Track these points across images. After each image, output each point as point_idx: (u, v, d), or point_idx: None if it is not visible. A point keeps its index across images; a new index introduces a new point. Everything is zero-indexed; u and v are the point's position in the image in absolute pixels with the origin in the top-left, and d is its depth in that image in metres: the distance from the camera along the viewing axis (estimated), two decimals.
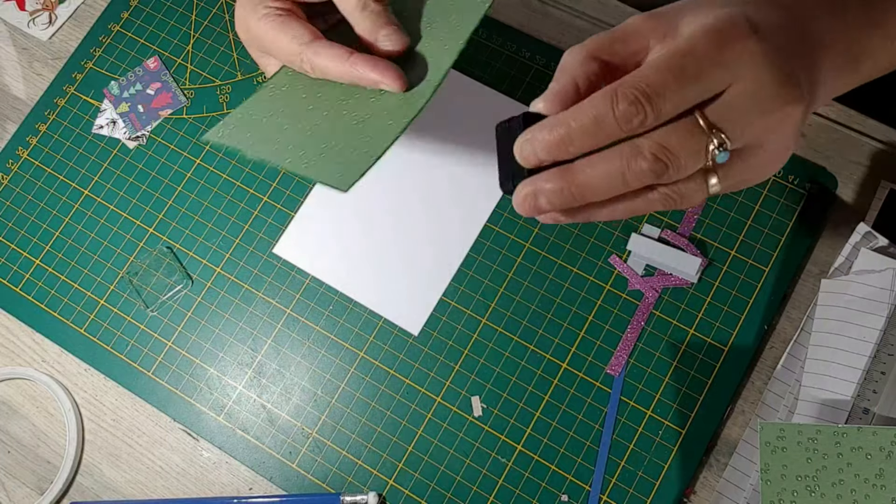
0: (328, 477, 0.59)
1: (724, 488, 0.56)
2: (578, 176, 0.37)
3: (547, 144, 0.37)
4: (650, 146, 0.36)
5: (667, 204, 0.39)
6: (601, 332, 0.60)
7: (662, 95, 0.36)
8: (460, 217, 0.63)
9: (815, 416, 0.55)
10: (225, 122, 0.54)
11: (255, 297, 0.64)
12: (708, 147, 0.36)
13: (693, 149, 0.36)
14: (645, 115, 0.36)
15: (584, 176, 0.37)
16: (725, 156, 0.37)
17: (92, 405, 0.63)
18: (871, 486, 0.47)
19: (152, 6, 0.71)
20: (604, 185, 0.37)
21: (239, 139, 0.53)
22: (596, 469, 0.57)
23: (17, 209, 0.68)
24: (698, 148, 0.36)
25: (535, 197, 0.38)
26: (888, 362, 0.54)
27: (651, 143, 0.36)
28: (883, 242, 0.57)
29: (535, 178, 0.38)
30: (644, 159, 0.36)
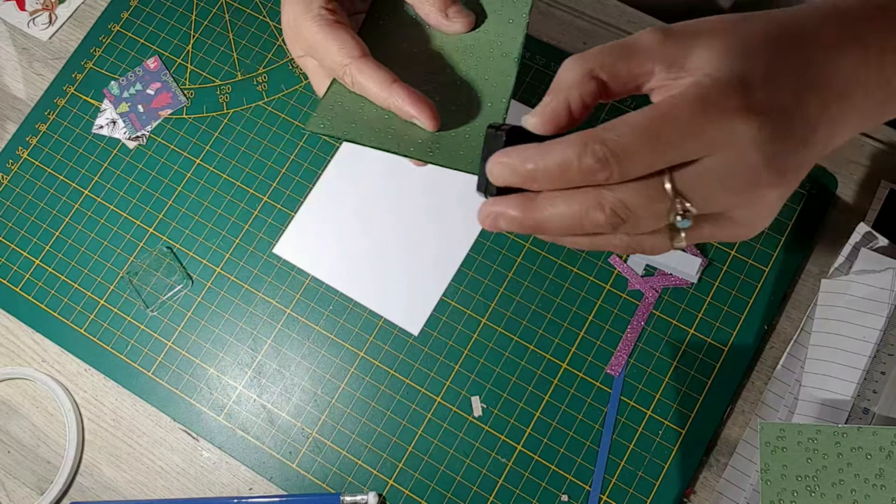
0: (328, 477, 0.59)
1: (724, 488, 0.56)
2: (538, 211, 0.38)
3: (514, 173, 0.38)
4: (611, 201, 0.36)
5: (628, 250, 0.39)
6: (601, 332, 0.60)
7: (632, 157, 0.35)
8: (460, 217, 0.63)
9: (815, 416, 0.55)
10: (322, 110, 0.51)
11: (255, 297, 0.64)
12: (669, 212, 0.36)
13: (654, 211, 0.36)
14: (610, 173, 0.35)
15: (543, 213, 0.38)
16: (687, 223, 0.36)
17: (92, 405, 0.63)
18: (871, 486, 0.47)
19: (152, 6, 0.71)
20: (560, 226, 0.38)
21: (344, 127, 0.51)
22: (596, 469, 0.57)
23: (17, 209, 0.68)
24: (659, 211, 0.36)
25: (497, 218, 0.39)
26: (888, 362, 0.54)
27: (613, 198, 0.36)
28: (883, 242, 0.57)
29: (501, 201, 0.39)
30: (601, 211, 0.36)
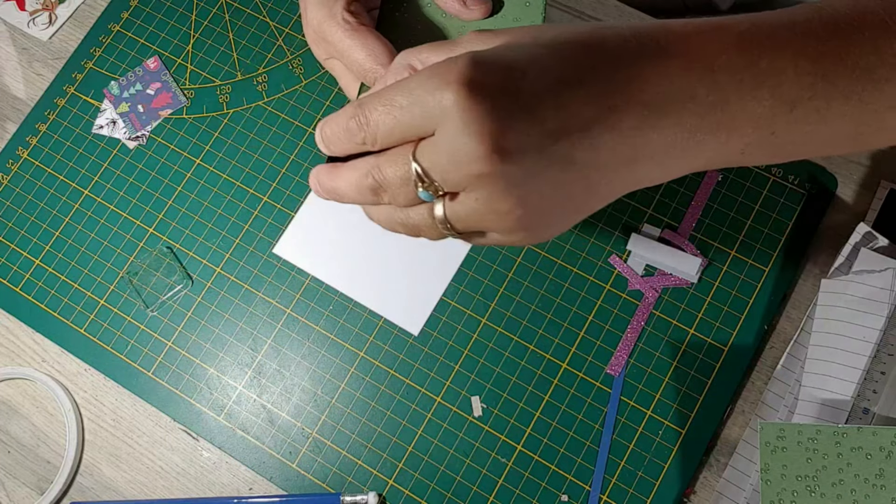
0: (328, 477, 0.59)
1: (724, 488, 0.56)
2: (334, 177, 0.42)
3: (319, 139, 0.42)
4: (370, 165, 0.39)
5: (406, 230, 0.41)
6: (601, 332, 0.60)
7: (376, 122, 0.38)
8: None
9: (815, 416, 0.55)
10: None
11: (255, 297, 0.64)
12: (413, 180, 0.37)
13: (401, 177, 0.38)
14: (364, 136, 0.39)
15: (335, 179, 0.42)
16: (427, 194, 0.37)
17: (92, 405, 0.63)
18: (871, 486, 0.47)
19: (152, 6, 0.71)
20: (349, 191, 0.41)
21: None
22: (596, 469, 0.57)
23: (17, 209, 0.68)
24: (406, 177, 0.38)
25: (313, 179, 0.43)
26: (888, 362, 0.54)
27: (373, 162, 0.39)
28: (883, 242, 0.57)
29: (320, 167, 0.44)
30: (366, 177, 0.39)
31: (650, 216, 0.61)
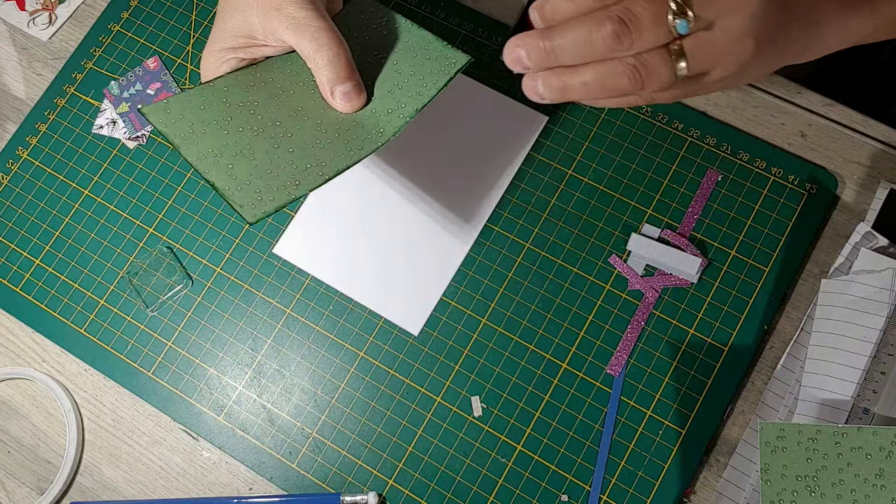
0: (328, 477, 0.59)
1: (724, 488, 0.56)
2: (555, 35, 0.41)
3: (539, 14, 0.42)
4: (618, 10, 0.40)
5: (634, 77, 0.41)
6: (601, 332, 0.60)
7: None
8: (460, 217, 0.63)
9: (815, 416, 0.55)
10: (169, 103, 0.55)
11: (255, 297, 0.64)
12: (668, 14, 0.39)
13: (654, 13, 0.39)
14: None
15: (559, 35, 0.41)
16: (685, 25, 0.39)
17: (92, 405, 0.63)
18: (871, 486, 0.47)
19: (152, 6, 0.71)
20: (574, 47, 0.41)
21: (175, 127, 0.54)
22: (596, 469, 0.57)
23: (17, 209, 0.68)
24: (659, 13, 0.39)
25: (518, 48, 0.42)
26: (888, 362, 0.54)
27: (620, 7, 0.40)
28: (883, 242, 0.57)
29: (520, 35, 0.42)
30: (609, 20, 0.39)
31: (650, 216, 0.61)
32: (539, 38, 0.42)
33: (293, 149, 0.53)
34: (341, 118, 0.55)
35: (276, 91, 0.55)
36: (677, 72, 0.41)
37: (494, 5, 0.68)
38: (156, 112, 0.54)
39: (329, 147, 0.53)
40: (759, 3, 0.40)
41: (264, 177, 0.52)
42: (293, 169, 0.52)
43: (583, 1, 0.41)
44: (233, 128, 0.54)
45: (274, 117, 0.55)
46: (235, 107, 0.55)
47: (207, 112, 0.54)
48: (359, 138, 0.54)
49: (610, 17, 0.40)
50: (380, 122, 0.54)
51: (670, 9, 0.39)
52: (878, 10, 0.46)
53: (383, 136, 0.53)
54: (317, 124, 0.54)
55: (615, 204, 0.62)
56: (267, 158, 0.53)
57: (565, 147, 0.64)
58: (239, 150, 0.53)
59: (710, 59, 0.41)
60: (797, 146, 0.62)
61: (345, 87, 0.53)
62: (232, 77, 0.56)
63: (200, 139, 0.53)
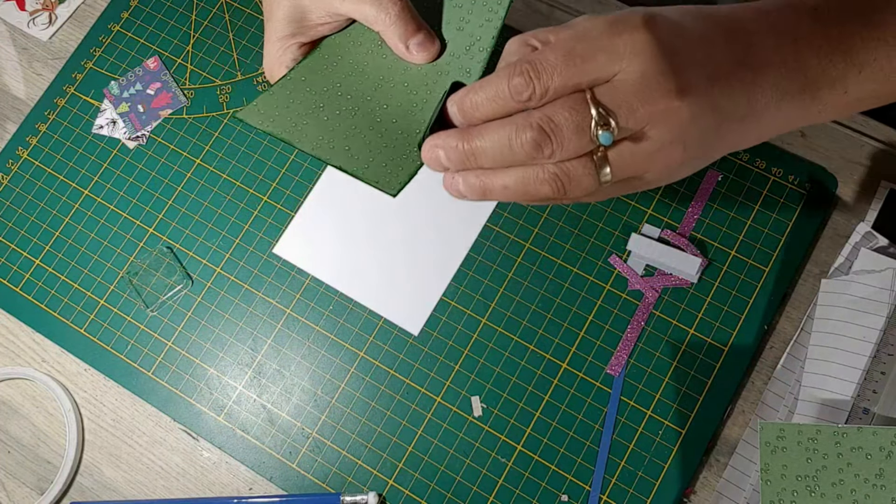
0: (328, 477, 0.59)
1: (724, 488, 0.56)
2: (474, 137, 0.40)
3: (459, 109, 0.42)
4: (538, 117, 0.39)
5: (555, 185, 0.40)
6: (601, 332, 0.60)
7: (550, 73, 0.38)
8: (460, 217, 0.63)
9: (815, 416, 0.55)
10: (258, 104, 0.54)
11: (255, 297, 0.64)
12: (591, 124, 0.38)
13: (576, 123, 0.38)
14: (533, 89, 0.39)
15: (477, 138, 0.40)
16: (608, 136, 0.38)
17: (92, 405, 0.63)
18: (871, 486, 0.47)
19: (152, 6, 0.71)
20: (492, 150, 0.40)
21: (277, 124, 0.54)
22: (596, 469, 0.57)
23: (17, 209, 0.68)
24: (582, 123, 0.38)
25: (437, 150, 0.42)
26: (888, 362, 0.54)
27: (540, 114, 0.39)
28: (883, 242, 0.57)
29: (441, 134, 0.42)
30: (530, 128, 0.38)
31: (650, 216, 0.61)
32: (458, 138, 0.41)
33: (395, 118, 0.53)
34: (424, 74, 0.54)
35: (351, 68, 0.55)
36: (601, 178, 0.40)
37: None
38: (252, 115, 0.54)
39: (427, 105, 0.53)
40: (687, 111, 0.39)
41: (383, 151, 0.53)
42: (406, 137, 0.53)
43: (503, 101, 0.40)
44: (329, 113, 0.54)
45: (362, 93, 0.54)
46: (321, 93, 0.55)
47: (298, 104, 0.54)
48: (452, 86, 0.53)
49: (531, 125, 0.39)
50: (462, 63, 0.53)
51: (593, 119, 0.38)
52: (819, 98, 0.43)
53: (472, 75, 0.53)
54: (404, 88, 0.54)
55: (615, 204, 0.62)
56: (376, 133, 0.53)
57: None
58: (346, 133, 0.54)
59: (635, 166, 0.40)
60: (797, 146, 0.62)
61: (417, 38, 0.52)
62: (303, 67, 0.55)
63: (306, 130, 0.54)
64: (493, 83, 0.40)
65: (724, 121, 0.41)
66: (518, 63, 0.39)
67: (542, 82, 0.39)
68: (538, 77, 0.39)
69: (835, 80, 0.42)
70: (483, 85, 0.41)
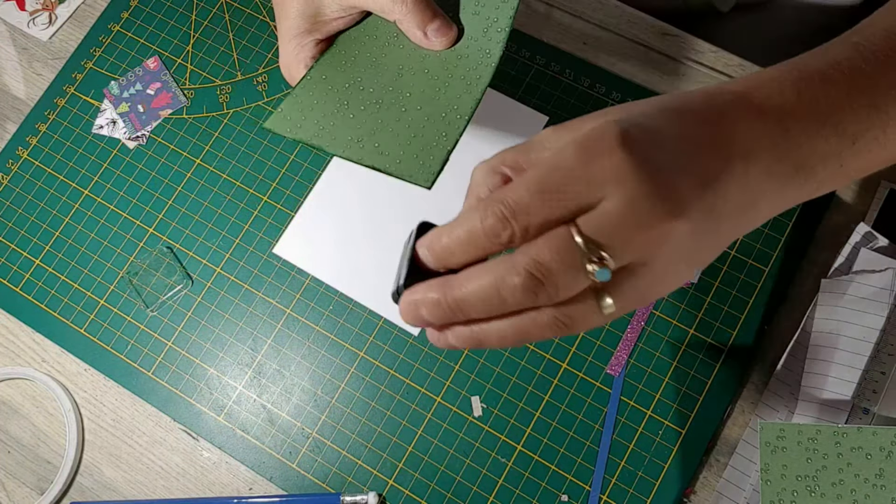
0: (328, 477, 0.59)
1: (724, 488, 0.56)
2: (455, 289, 0.36)
3: (430, 253, 0.37)
4: (524, 262, 0.34)
5: (557, 329, 0.36)
6: (601, 332, 0.60)
7: (526, 211, 0.35)
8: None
9: (815, 416, 0.55)
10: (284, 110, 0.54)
11: (255, 297, 0.64)
12: (584, 262, 0.34)
13: (568, 264, 0.34)
14: (512, 230, 0.35)
15: (460, 289, 0.36)
16: (606, 273, 0.34)
17: (92, 405, 0.63)
18: (871, 486, 0.47)
19: (152, 6, 0.71)
20: (480, 301, 0.36)
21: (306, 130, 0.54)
22: (596, 469, 0.57)
23: (17, 209, 0.68)
24: (574, 263, 0.34)
25: (417, 307, 0.37)
26: (888, 362, 0.54)
27: (525, 258, 0.34)
28: (883, 242, 0.57)
29: (419, 287, 0.37)
30: (517, 275, 0.34)
31: None
32: (439, 291, 0.36)
33: (420, 105, 0.53)
34: (444, 59, 0.54)
35: (369, 62, 0.55)
36: (605, 312, 0.36)
37: None
38: (279, 123, 0.54)
39: (451, 89, 0.53)
40: (686, 226, 0.35)
41: (412, 141, 0.52)
42: (433, 123, 0.53)
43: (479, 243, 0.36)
44: (354, 110, 0.54)
45: (384, 85, 0.54)
46: (343, 90, 0.54)
47: (322, 105, 0.54)
48: (472, 69, 0.53)
49: (517, 272, 0.34)
50: (481, 45, 0.53)
51: (584, 256, 0.34)
52: (814, 175, 0.40)
53: (492, 56, 0.53)
54: (426, 75, 0.54)
55: None
56: (403, 125, 0.53)
57: None
58: (373, 128, 0.53)
59: (642, 294, 0.37)
60: None
61: (434, 24, 0.52)
62: (321, 65, 0.55)
63: (334, 132, 0.53)
64: (465, 224, 0.36)
65: (724, 220, 0.37)
66: (490, 203, 0.35)
67: (520, 223, 0.35)
68: (514, 217, 0.35)
69: (828, 155, 0.39)
70: (454, 227, 0.36)
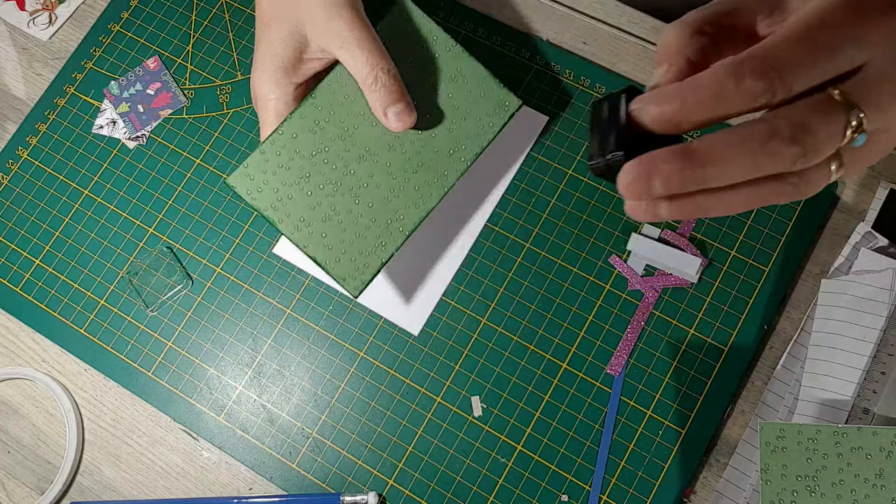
0: (328, 477, 0.59)
1: (724, 488, 0.56)
2: (704, 158, 0.33)
3: (656, 118, 0.34)
4: (789, 127, 0.32)
5: (791, 194, 0.35)
6: (601, 332, 0.60)
7: (793, 71, 0.32)
8: (460, 218, 0.63)
9: (815, 416, 0.55)
10: (249, 166, 0.57)
11: (255, 297, 0.64)
12: (845, 129, 0.33)
13: (831, 129, 0.33)
14: (773, 92, 0.32)
15: (711, 158, 0.33)
16: (863, 138, 0.33)
17: (92, 405, 0.63)
18: (871, 486, 0.47)
19: (152, 6, 0.71)
20: (730, 170, 0.33)
21: (264, 198, 0.57)
22: (596, 469, 0.57)
23: (17, 209, 0.68)
24: (836, 129, 0.33)
25: (649, 178, 0.33)
26: (888, 362, 0.54)
27: (789, 123, 0.32)
28: (883, 242, 0.57)
29: (650, 158, 0.33)
30: (782, 141, 0.32)
31: None
32: (680, 162, 0.33)
33: (371, 202, 0.56)
34: (406, 159, 0.57)
35: (340, 132, 0.57)
36: (833, 175, 0.35)
37: (495, 5, 0.68)
38: (242, 182, 0.56)
39: (402, 195, 0.57)
40: None
41: (354, 241, 0.56)
42: (376, 227, 0.56)
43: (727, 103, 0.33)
44: (314, 186, 0.56)
45: (346, 165, 0.57)
46: (308, 158, 0.57)
47: (286, 171, 0.56)
48: (426, 184, 0.57)
49: (782, 137, 0.32)
50: (442, 163, 0.57)
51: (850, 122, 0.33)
52: None
53: (447, 180, 0.57)
54: (386, 170, 0.57)
55: (615, 204, 0.62)
56: (351, 218, 0.56)
57: (565, 147, 0.64)
58: (325, 214, 0.56)
59: (869, 160, 0.36)
60: None
61: (396, 107, 0.54)
62: (296, 119, 0.57)
63: (289, 207, 0.56)
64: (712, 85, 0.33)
65: None
66: (747, 60, 0.32)
67: (786, 84, 0.32)
68: (780, 77, 0.32)
69: None
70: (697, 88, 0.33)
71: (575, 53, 0.66)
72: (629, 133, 0.35)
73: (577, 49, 0.66)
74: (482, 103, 0.57)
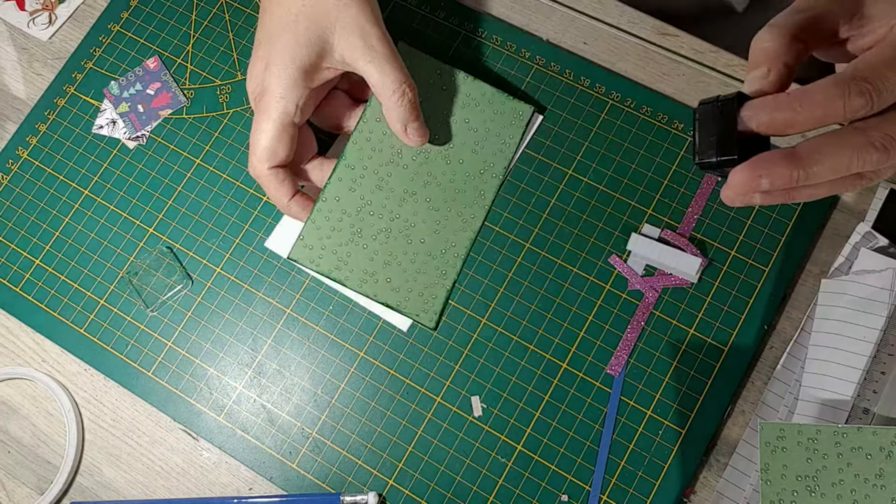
0: (328, 477, 0.59)
1: (724, 488, 0.56)
2: (810, 163, 0.38)
3: (765, 124, 0.39)
4: (880, 137, 0.38)
5: (864, 185, 0.40)
6: (601, 332, 0.60)
7: (890, 90, 0.38)
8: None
9: (815, 416, 0.55)
10: (305, 237, 0.60)
11: (255, 297, 0.64)
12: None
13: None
14: (870, 108, 0.38)
15: (817, 163, 0.38)
16: None
17: (92, 405, 0.63)
18: (871, 486, 0.47)
19: (152, 6, 0.71)
20: (829, 172, 0.39)
21: (326, 261, 0.60)
22: (596, 469, 0.57)
23: (17, 209, 0.68)
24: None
25: (759, 178, 0.39)
26: (888, 362, 0.54)
27: (882, 133, 0.38)
28: (883, 242, 0.57)
29: (764, 161, 0.39)
30: (875, 149, 0.38)
31: (650, 216, 0.61)
32: (790, 165, 0.39)
33: (423, 238, 0.60)
34: (444, 189, 0.61)
35: (377, 180, 0.60)
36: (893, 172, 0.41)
37: (495, 5, 0.68)
38: (302, 253, 0.60)
39: (448, 224, 0.60)
40: None
41: (418, 278, 0.59)
42: (433, 259, 0.60)
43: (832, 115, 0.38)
44: (367, 239, 0.60)
45: (391, 211, 0.60)
46: (355, 215, 0.60)
47: (339, 233, 0.60)
48: (468, 206, 0.61)
49: (874, 146, 0.38)
50: (476, 184, 0.61)
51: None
52: None
53: (486, 198, 0.61)
54: (427, 204, 0.60)
55: (615, 204, 0.62)
56: (409, 258, 0.60)
57: (565, 147, 0.64)
58: (384, 261, 0.59)
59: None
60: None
61: (416, 124, 0.58)
62: (334, 184, 0.60)
63: (351, 264, 0.59)
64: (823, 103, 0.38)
65: None
66: (853, 81, 0.38)
67: (882, 102, 0.38)
68: (879, 96, 0.38)
69: None
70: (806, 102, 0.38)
71: (575, 53, 0.66)
72: (733, 135, 0.40)
73: (577, 49, 0.66)
74: (497, 119, 0.61)
